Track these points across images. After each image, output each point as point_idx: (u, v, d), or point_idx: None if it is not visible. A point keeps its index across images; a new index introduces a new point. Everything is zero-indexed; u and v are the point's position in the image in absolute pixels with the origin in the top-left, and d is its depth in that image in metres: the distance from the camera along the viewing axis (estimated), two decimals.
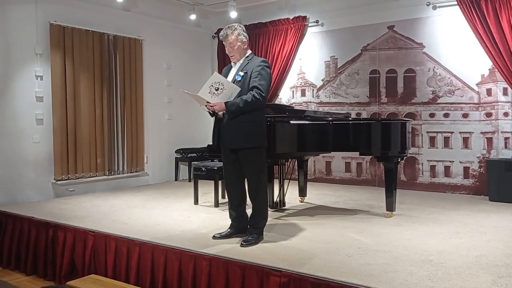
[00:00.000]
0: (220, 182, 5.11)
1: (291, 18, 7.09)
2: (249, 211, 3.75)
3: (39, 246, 4.38)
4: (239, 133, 3.50)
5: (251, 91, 3.47)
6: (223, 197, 5.16)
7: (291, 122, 4.40)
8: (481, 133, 5.78)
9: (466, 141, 5.88)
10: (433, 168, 6.12)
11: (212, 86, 3.45)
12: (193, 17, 7.19)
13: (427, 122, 6.14)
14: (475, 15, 5.54)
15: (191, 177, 6.67)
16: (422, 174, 6.20)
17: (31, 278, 4.34)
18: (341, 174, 6.86)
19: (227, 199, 3.85)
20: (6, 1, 5.37)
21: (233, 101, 3.46)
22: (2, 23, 5.35)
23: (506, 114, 5.63)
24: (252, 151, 3.55)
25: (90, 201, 5.42)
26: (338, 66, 6.87)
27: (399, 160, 4.61)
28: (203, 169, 5.14)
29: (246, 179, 3.68)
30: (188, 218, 4.48)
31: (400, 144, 4.46)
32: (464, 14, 5.66)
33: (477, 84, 5.80)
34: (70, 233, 4.15)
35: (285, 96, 7.40)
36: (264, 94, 3.50)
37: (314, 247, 3.43)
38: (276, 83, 7.16)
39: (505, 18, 5.33)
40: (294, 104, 7.23)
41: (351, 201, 5.39)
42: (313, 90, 7.14)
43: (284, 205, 4.98)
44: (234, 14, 6.76)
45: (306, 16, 7.01)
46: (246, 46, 3.67)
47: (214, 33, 7.93)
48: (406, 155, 4.72)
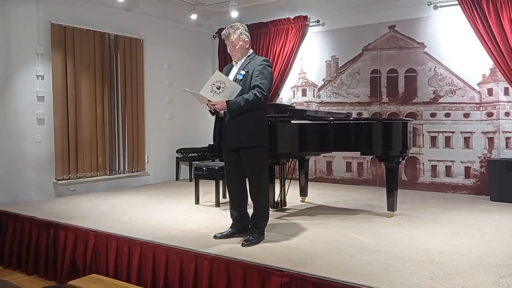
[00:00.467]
0: (221, 182, 5.10)
1: (292, 18, 7.09)
2: (250, 211, 3.75)
3: (40, 246, 4.38)
4: (241, 132, 3.50)
5: (253, 90, 3.47)
6: (224, 196, 5.16)
7: (292, 122, 4.40)
8: (482, 133, 5.77)
9: (467, 141, 5.88)
10: (434, 168, 6.11)
11: (213, 84, 3.44)
12: (194, 17, 7.19)
13: (428, 122, 6.14)
14: (476, 15, 5.54)
15: (192, 176, 6.66)
16: (423, 174, 6.19)
17: (32, 278, 4.34)
18: (342, 174, 6.86)
19: (228, 199, 3.85)
20: (7, 1, 5.37)
21: (234, 100, 3.45)
22: (3, 23, 5.35)
23: (507, 114, 5.62)
24: (253, 151, 3.54)
25: (91, 200, 5.42)
26: (339, 66, 6.86)
27: (400, 160, 4.60)
28: (204, 168, 5.14)
29: (247, 179, 3.68)
30: (189, 218, 4.48)
31: (401, 144, 4.46)
32: (465, 13, 5.65)
33: (478, 84, 5.80)
34: (71, 232, 4.15)
35: (286, 95, 7.40)
36: (265, 93, 3.49)
37: (315, 247, 3.43)
38: (277, 83, 7.15)
39: (506, 18, 5.33)
40: (295, 104, 7.22)
41: (352, 201, 5.38)
42: (314, 89, 7.14)
43: (285, 205, 4.98)
44: (235, 14, 6.76)
45: (307, 15, 7.01)
46: (247, 45, 3.67)
47: (215, 33, 7.94)
48: (407, 155, 4.72)
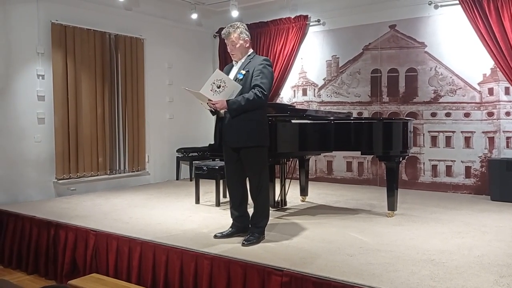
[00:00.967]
0: (221, 182, 5.10)
1: (293, 17, 7.09)
2: (250, 211, 3.75)
3: (41, 245, 4.38)
4: (241, 131, 3.49)
5: (253, 89, 3.46)
6: (225, 196, 5.16)
7: (293, 121, 4.40)
8: (482, 132, 5.77)
9: (467, 140, 5.88)
10: (434, 167, 6.11)
11: (214, 83, 3.44)
12: (194, 16, 7.18)
13: (429, 122, 6.13)
14: (477, 14, 5.53)
15: (193, 176, 6.67)
16: (424, 174, 6.19)
17: (33, 277, 4.35)
18: (342, 174, 6.85)
19: (229, 198, 3.85)
20: (7, 0, 5.37)
21: (234, 99, 3.45)
22: (4, 23, 5.35)
23: (508, 114, 5.62)
24: (254, 150, 3.54)
25: (91, 200, 5.43)
26: (340, 66, 6.86)
27: (401, 159, 4.60)
28: (205, 168, 5.14)
29: (247, 178, 3.67)
30: (189, 218, 4.48)
31: (401, 143, 4.45)
32: (465, 13, 5.65)
33: (479, 83, 5.79)
34: (72, 232, 4.15)
35: (286, 95, 7.40)
36: (266, 93, 3.48)
37: (315, 247, 3.43)
38: (277, 82, 7.15)
39: (507, 17, 5.32)
40: (295, 103, 7.22)
41: (353, 200, 5.38)
42: (314, 89, 7.13)
43: (285, 204, 4.98)
44: (235, 13, 6.76)
45: (307, 15, 7.01)
46: (248, 45, 3.66)
47: (216, 32, 7.94)
48: (408, 155, 4.71)
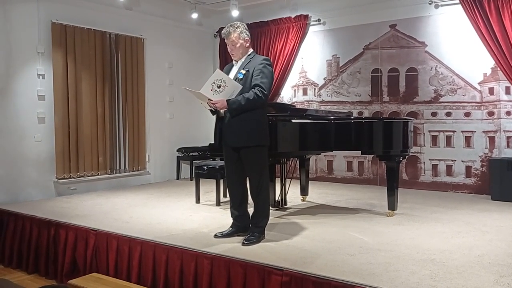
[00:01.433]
0: (221, 181, 5.10)
1: (293, 17, 7.09)
2: (250, 210, 3.75)
3: (41, 245, 4.39)
4: (241, 131, 3.49)
5: (253, 89, 3.46)
6: (225, 196, 5.16)
7: (293, 121, 4.40)
8: (483, 132, 5.76)
9: (468, 140, 5.87)
10: (435, 167, 6.11)
11: (214, 83, 3.43)
12: (194, 16, 7.18)
13: (429, 121, 6.13)
14: (477, 14, 5.53)
15: (193, 176, 6.67)
16: (424, 173, 6.18)
17: (33, 277, 4.35)
18: (342, 173, 6.85)
19: (229, 198, 3.85)
20: (7, 0, 5.37)
21: (234, 98, 3.44)
22: (4, 22, 5.35)
23: (508, 113, 5.61)
24: (254, 150, 3.54)
25: (91, 199, 5.43)
26: (340, 65, 6.85)
27: (401, 159, 4.60)
28: (205, 168, 5.14)
29: (247, 178, 3.67)
30: (189, 217, 4.48)
31: (402, 143, 4.45)
32: (466, 12, 5.64)
33: (479, 83, 5.79)
34: (72, 231, 4.16)
35: (286, 95, 7.40)
36: (266, 92, 3.48)
37: (315, 246, 3.43)
38: (277, 82, 7.15)
39: (507, 17, 5.31)
40: (295, 103, 7.22)
41: (353, 200, 5.38)
42: (314, 89, 7.13)
43: (285, 204, 4.98)
44: (235, 13, 6.75)
45: (308, 15, 7.01)
46: (248, 44, 3.66)
47: (216, 32, 7.94)
48: (408, 154, 4.71)
